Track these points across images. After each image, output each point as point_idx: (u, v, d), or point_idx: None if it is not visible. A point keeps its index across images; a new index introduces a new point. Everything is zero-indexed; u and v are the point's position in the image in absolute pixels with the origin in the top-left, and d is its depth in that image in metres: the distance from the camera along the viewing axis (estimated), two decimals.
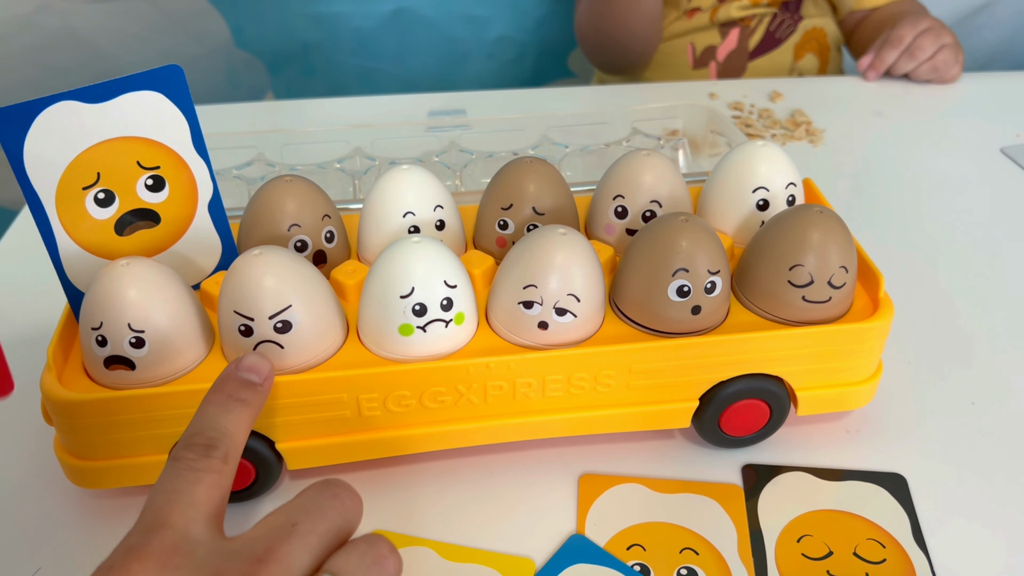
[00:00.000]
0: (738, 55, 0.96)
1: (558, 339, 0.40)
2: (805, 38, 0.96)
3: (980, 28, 1.13)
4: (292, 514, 0.29)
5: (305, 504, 0.30)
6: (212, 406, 0.33)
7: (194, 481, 0.30)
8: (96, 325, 0.37)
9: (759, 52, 0.96)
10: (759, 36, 0.95)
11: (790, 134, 0.77)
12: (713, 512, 0.41)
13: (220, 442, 0.31)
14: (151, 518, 0.29)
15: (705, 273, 0.40)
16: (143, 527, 0.28)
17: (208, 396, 0.33)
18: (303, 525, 0.29)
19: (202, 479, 0.30)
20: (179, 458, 0.30)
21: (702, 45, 0.97)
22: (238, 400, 0.33)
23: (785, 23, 0.95)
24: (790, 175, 0.47)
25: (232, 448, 0.32)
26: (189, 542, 0.28)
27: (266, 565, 0.28)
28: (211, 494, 0.30)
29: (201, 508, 0.29)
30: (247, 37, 1.11)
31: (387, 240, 0.44)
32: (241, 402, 0.33)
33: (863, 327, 0.41)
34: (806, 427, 0.46)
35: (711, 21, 0.95)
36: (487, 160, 0.65)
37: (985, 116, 0.80)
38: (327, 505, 0.30)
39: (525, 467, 0.44)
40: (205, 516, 0.29)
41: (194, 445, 0.31)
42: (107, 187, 0.41)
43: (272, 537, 0.28)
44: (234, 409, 0.33)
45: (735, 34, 0.95)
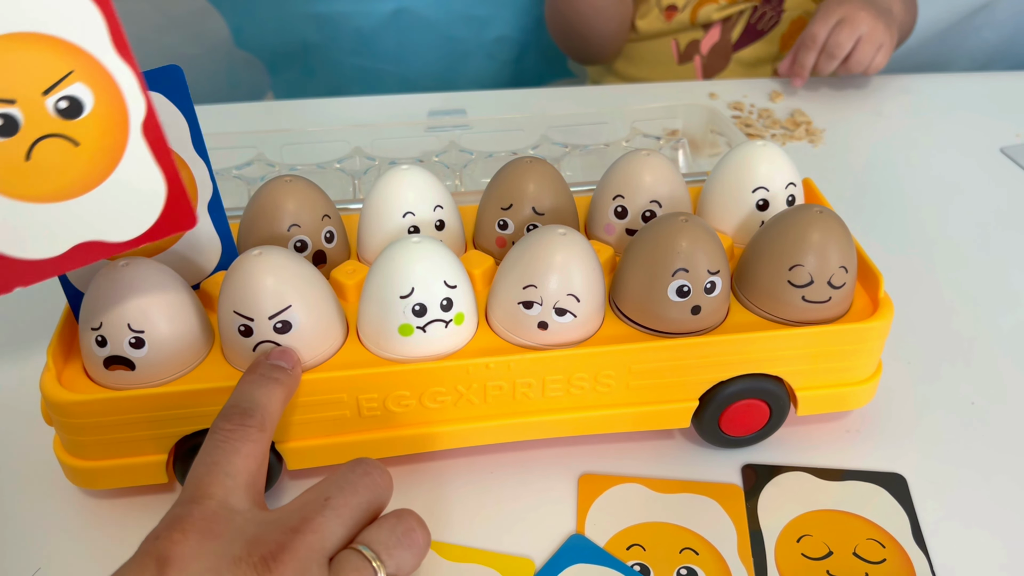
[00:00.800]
0: (722, 47, 0.96)
1: (558, 339, 0.40)
2: (792, 28, 0.95)
3: (980, 28, 1.13)
4: (326, 489, 0.32)
5: (338, 480, 0.32)
6: (246, 383, 0.35)
7: (231, 452, 0.32)
8: (96, 325, 0.37)
9: (742, 44, 0.95)
10: (740, 28, 0.95)
11: (790, 134, 0.77)
12: (713, 512, 0.41)
13: (255, 412, 0.33)
14: (193, 490, 0.31)
15: (705, 273, 0.40)
16: (186, 499, 0.30)
17: (242, 377, 0.36)
18: (336, 499, 0.31)
19: (239, 449, 0.32)
20: (217, 430, 0.33)
21: (685, 40, 0.97)
22: (270, 378, 0.36)
23: (767, 15, 0.94)
24: (790, 175, 0.47)
25: (267, 419, 0.34)
26: (228, 510, 0.30)
27: (301, 534, 0.29)
28: (248, 464, 0.32)
29: (239, 478, 0.31)
30: (247, 37, 1.10)
31: (387, 240, 0.44)
32: (274, 380, 0.36)
33: (863, 327, 0.41)
34: (806, 427, 0.46)
35: (691, 23, 0.94)
36: (487, 160, 0.65)
37: (985, 116, 0.80)
38: (359, 482, 0.32)
39: (525, 467, 0.44)
40: (243, 485, 0.31)
41: (230, 416, 0.33)
42: None
43: (307, 509, 0.31)
44: (267, 385, 0.35)
45: (717, 28, 0.95)
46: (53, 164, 0.32)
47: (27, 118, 0.31)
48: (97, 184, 0.33)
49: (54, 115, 0.32)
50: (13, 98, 0.31)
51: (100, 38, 0.32)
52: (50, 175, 0.32)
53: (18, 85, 0.31)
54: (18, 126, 0.31)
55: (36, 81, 0.31)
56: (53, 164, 0.32)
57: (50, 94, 0.31)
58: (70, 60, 0.31)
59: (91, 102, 0.32)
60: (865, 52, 0.80)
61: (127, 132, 0.33)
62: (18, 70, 0.31)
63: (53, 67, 0.31)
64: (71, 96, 0.32)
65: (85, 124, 0.32)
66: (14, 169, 0.32)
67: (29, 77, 0.31)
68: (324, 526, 0.30)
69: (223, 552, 0.28)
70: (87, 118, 0.32)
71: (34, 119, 0.32)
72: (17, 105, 0.31)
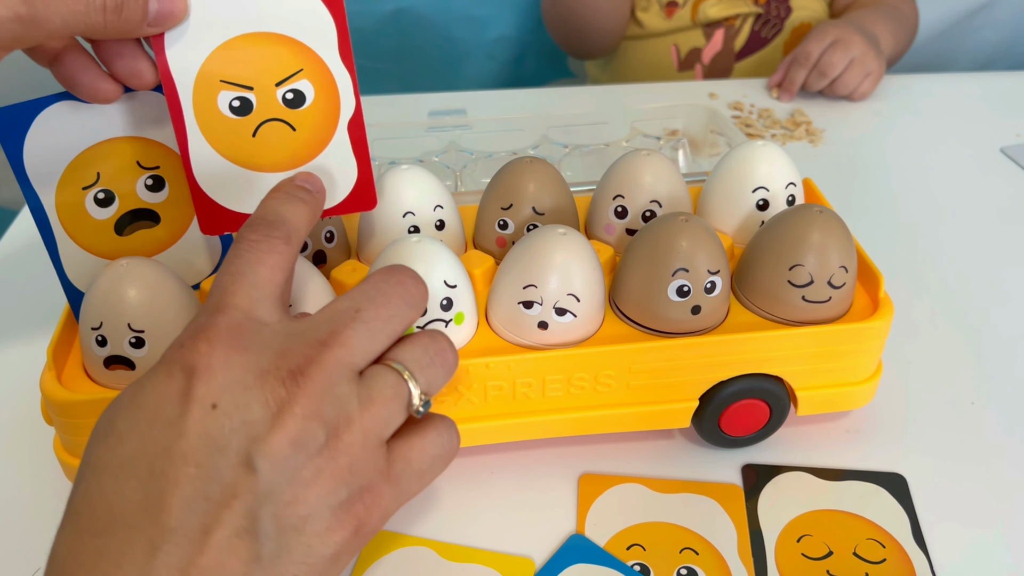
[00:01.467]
0: (724, 56, 0.96)
1: (558, 339, 0.40)
2: (794, 35, 0.95)
3: (980, 28, 1.13)
4: (357, 300, 0.30)
5: (369, 291, 0.31)
6: (270, 200, 0.34)
7: (256, 262, 0.30)
8: (96, 325, 0.37)
9: (745, 53, 0.95)
10: (744, 37, 0.95)
11: (790, 134, 0.77)
12: (713, 512, 0.41)
13: (280, 224, 0.32)
14: (217, 299, 0.29)
15: (705, 273, 0.40)
16: (210, 308, 0.29)
17: (267, 196, 0.34)
18: (367, 311, 0.30)
19: (264, 260, 0.30)
20: (241, 239, 0.31)
21: (686, 47, 0.96)
22: (296, 197, 0.34)
23: (770, 23, 0.94)
24: (790, 175, 0.47)
25: (293, 233, 0.32)
26: (254, 321, 0.29)
27: (330, 348, 0.28)
28: (274, 275, 0.30)
29: (265, 289, 0.30)
30: None
31: (387, 240, 0.44)
32: (299, 199, 0.34)
33: (863, 327, 0.41)
34: (806, 427, 0.46)
35: (692, 21, 0.94)
36: (487, 160, 0.65)
37: (985, 116, 0.80)
38: (391, 292, 0.31)
39: (525, 467, 0.44)
40: (269, 296, 0.30)
41: (256, 226, 0.32)
42: (107, 187, 0.41)
43: (336, 321, 0.29)
44: (292, 202, 0.34)
45: (720, 35, 0.95)
46: (272, 142, 0.39)
47: (259, 103, 0.38)
48: (303, 163, 0.40)
49: (281, 103, 0.39)
50: (251, 85, 0.38)
51: (330, 44, 0.38)
52: (269, 151, 0.39)
53: (257, 75, 0.38)
54: (251, 108, 0.38)
55: (272, 74, 0.38)
56: (272, 142, 0.39)
57: (282, 86, 0.38)
58: (302, 59, 0.38)
59: (312, 96, 0.39)
60: (854, 76, 0.81)
61: (336, 125, 0.40)
62: (259, 63, 0.38)
63: (288, 64, 0.38)
64: (297, 89, 0.38)
65: (304, 114, 0.39)
66: (242, 142, 0.39)
67: (267, 70, 0.38)
68: (353, 339, 0.29)
69: (250, 364, 0.27)
70: (307, 109, 0.39)
71: (265, 104, 0.38)
72: (254, 92, 0.38)
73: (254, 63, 0.38)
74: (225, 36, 0.37)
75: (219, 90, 0.38)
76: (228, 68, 0.38)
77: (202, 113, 0.38)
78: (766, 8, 0.94)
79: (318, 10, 0.37)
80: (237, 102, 0.38)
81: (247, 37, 0.37)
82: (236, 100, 0.38)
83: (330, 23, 0.38)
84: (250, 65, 0.38)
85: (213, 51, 0.37)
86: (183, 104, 0.38)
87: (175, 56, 0.37)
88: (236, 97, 0.38)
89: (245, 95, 0.38)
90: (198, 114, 0.38)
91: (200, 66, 0.37)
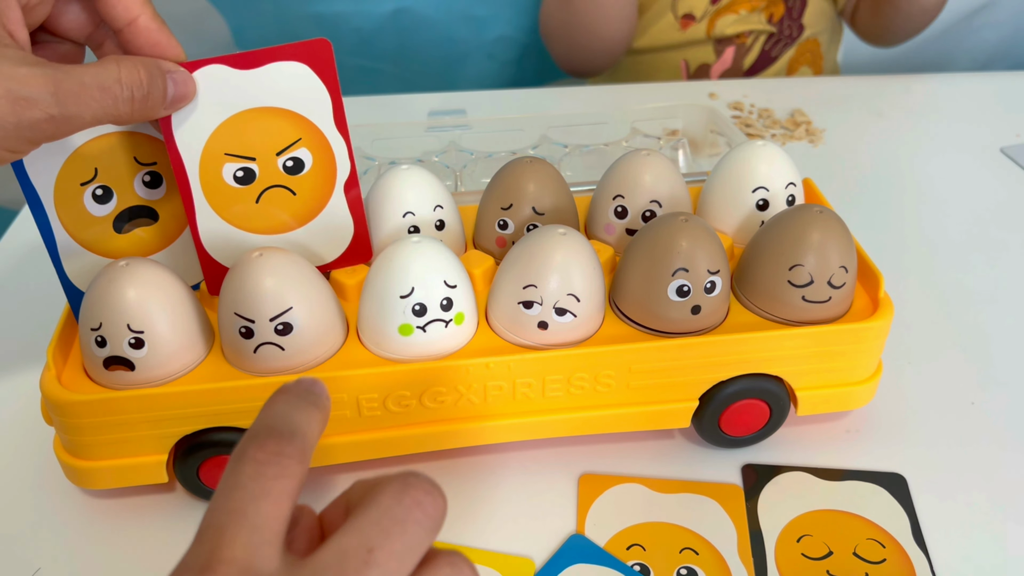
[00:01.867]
0: (732, 73, 0.96)
1: (558, 339, 0.40)
2: (799, 51, 0.95)
3: (980, 28, 1.13)
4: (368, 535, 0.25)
5: (382, 520, 0.25)
6: (280, 403, 0.28)
7: (261, 494, 0.25)
8: (95, 326, 0.37)
9: (753, 71, 0.95)
10: (754, 55, 0.94)
11: (790, 134, 0.77)
12: (713, 512, 0.41)
13: (293, 437, 0.26)
14: (209, 549, 0.24)
15: (705, 273, 0.40)
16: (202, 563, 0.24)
17: (272, 398, 0.28)
18: (381, 551, 0.25)
19: (271, 490, 0.25)
20: (246, 459, 0.25)
21: (696, 62, 0.96)
22: (310, 401, 0.28)
23: (782, 42, 0.94)
24: (790, 175, 0.47)
25: (307, 448, 0.27)
26: None
27: None
28: (280, 508, 0.25)
29: (268, 530, 0.24)
30: (247, 37, 1.10)
31: (387, 240, 0.44)
32: (313, 404, 0.28)
33: (863, 327, 0.41)
34: (806, 427, 0.46)
35: (707, 35, 0.94)
36: (487, 160, 0.65)
37: (985, 116, 0.80)
38: (407, 518, 0.26)
39: (525, 467, 0.44)
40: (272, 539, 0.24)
41: (264, 441, 0.26)
42: (104, 183, 0.41)
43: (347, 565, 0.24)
44: (306, 408, 0.28)
45: (730, 53, 0.94)
46: (274, 207, 0.42)
47: (262, 172, 0.41)
48: (304, 224, 0.42)
49: (282, 171, 0.41)
50: (254, 156, 0.41)
51: (326, 114, 0.40)
52: (271, 215, 0.42)
53: (259, 146, 0.40)
54: (255, 177, 0.41)
55: (273, 144, 0.41)
56: (274, 207, 0.42)
57: (282, 155, 0.41)
58: (300, 129, 0.41)
59: (310, 163, 0.41)
60: None
61: (333, 187, 0.42)
62: (260, 135, 0.40)
63: (287, 134, 0.41)
64: (296, 157, 0.41)
65: (303, 179, 0.41)
66: (246, 209, 0.41)
67: (268, 141, 0.40)
68: None
69: None
70: (305, 175, 0.41)
71: (267, 173, 0.41)
72: (256, 162, 0.41)
73: (255, 135, 0.40)
74: (228, 113, 0.40)
75: (224, 162, 0.40)
76: (231, 141, 0.40)
77: (208, 185, 0.40)
78: (779, 27, 0.93)
79: (314, 84, 0.40)
80: (241, 172, 0.41)
81: (248, 112, 0.40)
82: (240, 171, 0.41)
83: (325, 95, 0.40)
84: (252, 137, 0.40)
85: (217, 127, 0.40)
86: (190, 178, 0.40)
87: (182, 134, 0.39)
88: (240, 168, 0.41)
89: (248, 165, 0.41)
90: (204, 186, 0.40)
91: (205, 141, 0.40)
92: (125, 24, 0.37)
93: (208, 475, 0.40)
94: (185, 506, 0.42)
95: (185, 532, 0.41)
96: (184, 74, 0.38)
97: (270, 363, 0.39)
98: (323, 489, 0.43)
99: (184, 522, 0.41)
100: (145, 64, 0.36)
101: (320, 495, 0.42)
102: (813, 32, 0.94)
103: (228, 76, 0.39)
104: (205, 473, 0.40)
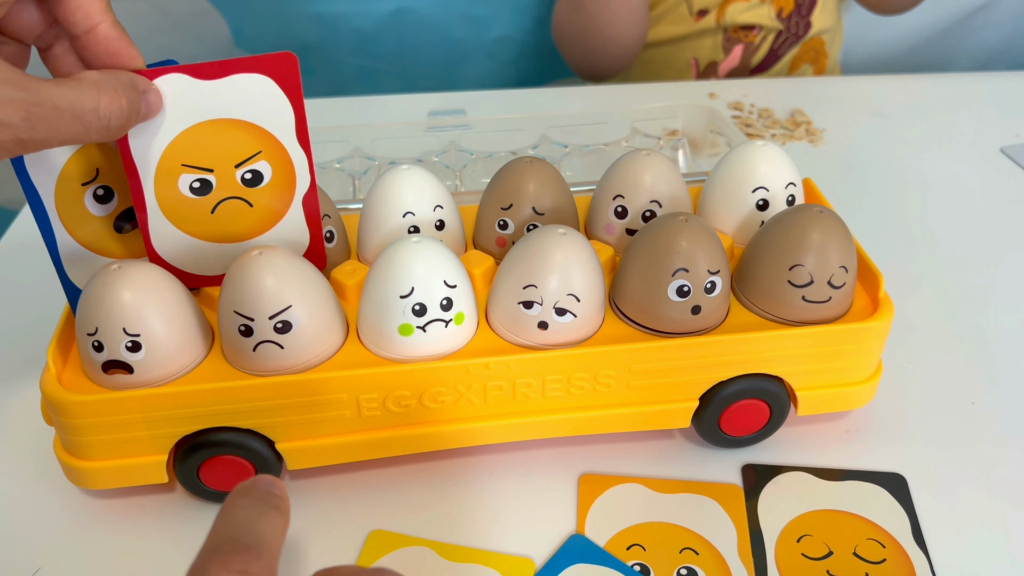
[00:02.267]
0: (740, 72, 0.96)
1: (558, 339, 0.40)
2: (803, 49, 0.95)
3: (980, 28, 1.13)
4: None
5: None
6: (241, 509, 0.25)
7: None
8: (92, 330, 0.37)
9: (759, 69, 0.96)
10: (763, 54, 0.95)
11: (790, 134, 0.77)
12: (713, 512, 0.41)
13: (259, 549, 0.24)
14: None
15: (705, 273, 0.40)
16: None
17: (230, 501, 0.26)
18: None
19: None
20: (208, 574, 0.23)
21: (705, 60, 0.96)
22: (271, 505, 0.26)
23: (788, 41, 0.94)
24: (790, 175, 0.47)
25: (275, 558, 0.24)
26: None
27: None
28: None
29: None
30: (247, 37, 1.10)
31: (387, 240, 0.44)
32: (274, 507, 0.26)
33: (863, 327, 0.41)
34: (806, 427, 0.46)
35: (717, 24, 0.94)
36: (487, 160, 0.65)
37: (985, 116, 0.79)
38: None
39: (525, 467, 0.44)
40: None
41: (228, 557, 0.23)
42: (106, 183, 0.41)
43: None
44: (268, 513, 0.25)
45: (739, 51, 0.94)
46: (230, 218, 0.41)
47: (219, 183, 0.40)
48: (259, 235, 0.42)
49: (240, 183, 0.41)
50: (212, 168, 0.40)
51: (288, 128, 0.40)
52: (226, 225, 0.42)
53: (217, 158, 0.40)
54: (211, 188, 0.40)
55: (232, 156, 0.40)
56: (230, 218, 0.41)
57: (241, 167, 0.40)
58: (261, 142, 0.40)
59: (269, 176, 0.41)
60: None
61: (291, 200, 0.42)
62: (220, 147, 0.40)
63: (247, 146, 0.40)
64: (255, 170, 0.40)
65: (261, 192, 0.41)
66: (201, 218, 0.41)
67: (227, 153, 0.40)
68: None
69: None
70: (264, 187, 0.41)
71: (224, 184, 0.40)
72: (214, 173, 0.40)
73: (214, 147, 0.40)
74: (187, 123, 0.39)
75: (180, 173, 0.40)
76: (189, 152, 0.39)
77: (163, 193, 0.40)
78: (787, 23, 0.93)
79: (278, 97, 0.39)
80: (197, 183, 0.40)
81: (208, 123, 0.39)
82: (196, 181, 0.40)
83: (288, 108, 0.39)
84: (210, 149, 0.40)
85: (175, 137, 0.39)
86: (144, 187, 0.40)
87: (138, 144, 0.38)
88: (197, 179, 0.40)
89: (205, 176, 0.40)
90: (159, 195, 0.40)
91: (163, 152, 0.39)
92: (84, 31, 0.35)
93: (208, 475, 0.40)
94: (185, 506, 0.42)
95: (185, 532, 0.42)
96: (156, 92, 0.37)
97: (270, 362, 0.39)
98: (323, 489, 0.43)
99: (184, 522, 0.41)
100: (126, 91, 0.35)
101: (320, 495, 0.42)
102: (819, 30, 0.94)
103: (189, 86, 0.38)
104: (205, 473, 0.40)
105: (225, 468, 0.40)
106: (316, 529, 0.41)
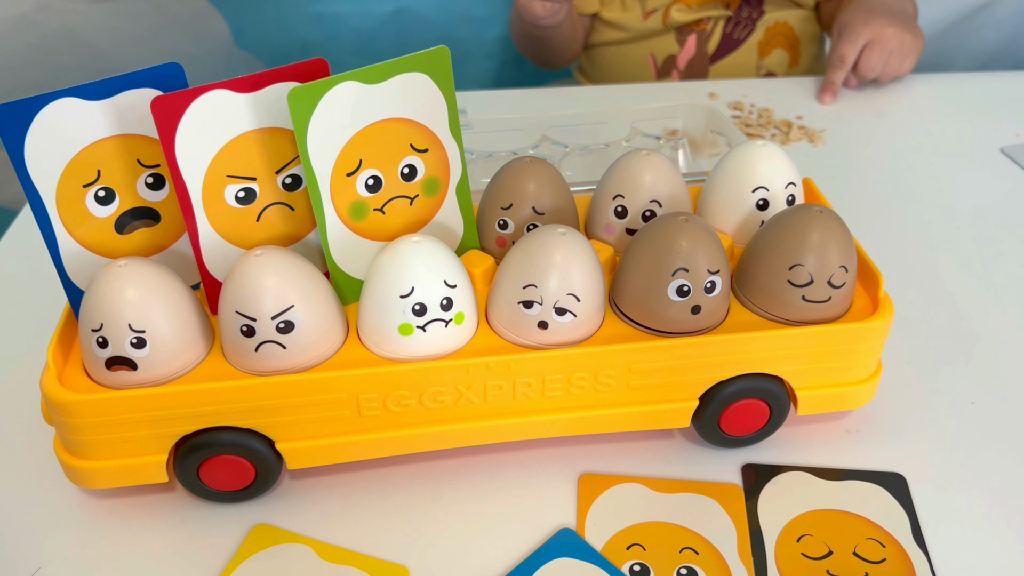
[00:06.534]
0: (699, 60, 0.96)
1: (558, 339, 0.40)
2: (769, 34, 0.94)
3: (980, 28, 1.13)
4: None
5: None
6: None
7: None
8: (96, 327, 0.37)
9: (719, 55, 0.95)
10: (716, 40, 0.94)
11: (790, 134, 0.77)
12: (713, 512, 0.41)
13: None
14: None
15: (705, 273, 0.40)
16: None
17: None
18: None
19: None
20: None
21: (662, 55, 0.96)
22: None
23: (741, 24, 0.94)
24: (790, 175, 0.47)
25: None
26: None
27: None
28: None
29: None
30: (247, 37, 1.10)
31: None
32: None
33: (863, 327, 0.41)
34: (806, 427, 0.46)
35: (663, 24, 0.94)
36: (487, 160, 0.65)
37: (985, 116, 0.80)
38: None
39: (525, 467, 0.44)
40: None
41: None
42: (107, 185, 0.41)
43: None
44: None
45: (692, 40, 0.95)
46: (273, 224, 0.43)
47: (262, 190, 0.42)
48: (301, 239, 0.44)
49: (281, 188, 0.42)
50: (254, 176, 0.41)
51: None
52: (269, 232, 0.43)
53: (259, 166, 0.41)
54: (255, 197, 0.42)
55: (272, 163, 0.41)
56: (273, 224, 0.43)
57: (280, 173, 0.42)
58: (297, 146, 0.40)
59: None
60: (894, 65, 0.83)
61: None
62: (260, 155, 0.41)
63: (286, 152, 0.41)
64: (295, 174, 0.42)
65: (301, 195, 0.42)
66: (247, 228, 0.42)
67: (267, 160, 0.41)
68: None
69: None
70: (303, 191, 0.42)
71: (267, 191, 0.42)
72: (256, 181, 0.41)
73: (256, 155, 0.41)
74: (230, 136, 0.40)
75: (226, 184, 0.41)
76: (233, 163, 0.40)
77: (211, 206, 0.41)
78: (736, 12, 0.93)
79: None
80: (242, 192, 0.41)
81: (249, 133, 0.40)
82: (241, 191, 0.41)
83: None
84: (252, 158, 0.41)
85: (219, 150, 0.40)
86: (193, 201, 0.40)
87: (185, 161, 0.39)
88: (241, 188, 0.41)
89: (250, 186, 0.41)
90: (207, 208, 0.41)
91: (208, 165, 0.40)
92: None
93: (208, 475, 0.40)
94: (185, 506, 0.42)
95: (185, 532, 0.41)
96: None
97: (271, 362, 0.39)
98: (321, 489, 0.43)
99: (184, 522, 0.41)
100: None
101: (318, 496, 0.42)
102: (780, 15, 0.94)
103: (229, 100, 0.39)
104: (205, 473, 0.40)
105: (225, 468, 0.40)
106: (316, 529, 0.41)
